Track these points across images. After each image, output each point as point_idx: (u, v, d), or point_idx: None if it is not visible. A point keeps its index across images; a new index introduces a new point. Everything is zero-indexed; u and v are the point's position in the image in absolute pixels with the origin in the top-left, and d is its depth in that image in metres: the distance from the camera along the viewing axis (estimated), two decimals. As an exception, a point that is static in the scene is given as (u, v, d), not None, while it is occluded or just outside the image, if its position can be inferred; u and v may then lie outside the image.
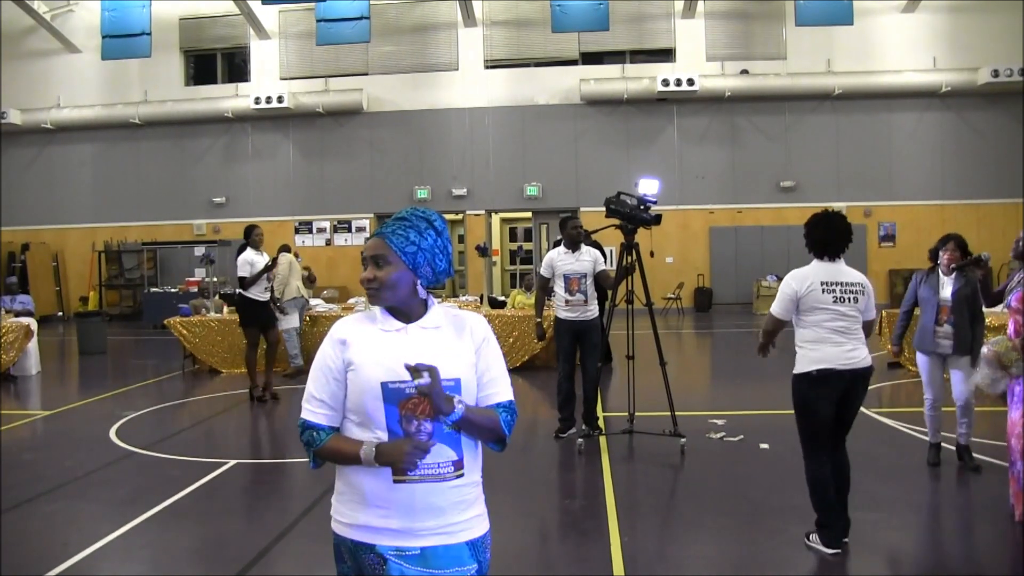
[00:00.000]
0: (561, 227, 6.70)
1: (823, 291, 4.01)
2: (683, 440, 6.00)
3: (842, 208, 17.83)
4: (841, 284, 4.03)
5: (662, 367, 6.14)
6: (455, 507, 1.95)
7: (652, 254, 7.65)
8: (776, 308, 4.15)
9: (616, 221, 6.07)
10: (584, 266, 6.42)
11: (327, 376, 1.96)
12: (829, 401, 4.03)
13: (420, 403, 1.88)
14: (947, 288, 5.29)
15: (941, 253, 5.38)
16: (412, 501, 1.90)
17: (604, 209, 6.08)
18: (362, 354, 1.93)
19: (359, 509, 1.94)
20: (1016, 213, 15.83)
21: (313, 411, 1.96)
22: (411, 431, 1.89)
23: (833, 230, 4.08)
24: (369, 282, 1.96)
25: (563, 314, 6.49)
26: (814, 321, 4.04)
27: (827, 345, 4.01)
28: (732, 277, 18.04)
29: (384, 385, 1.89)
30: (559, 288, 6.50)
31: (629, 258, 5.99)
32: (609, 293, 6.57)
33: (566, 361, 6.55)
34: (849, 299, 4.01)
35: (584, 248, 6.50)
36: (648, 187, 6.00)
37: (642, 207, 5.98)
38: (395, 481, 1.89)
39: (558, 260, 6.50)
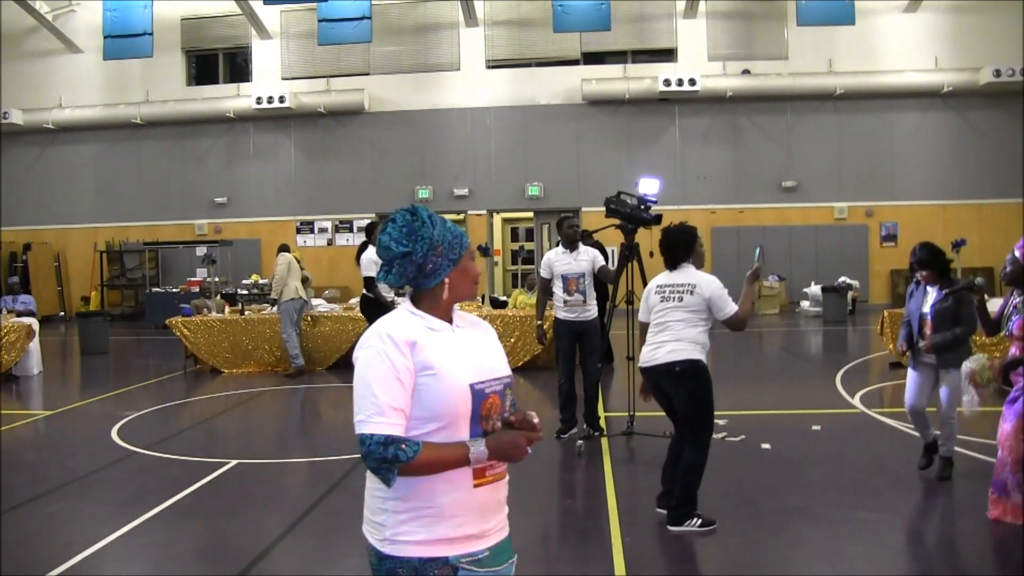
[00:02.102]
0: (558, 227, 6.69)
1: (655, 292, 4.45)
2: (684, 440, 6.00)
3: (844, 208, 17.88)
4: (671, 285, 4.37)
5: (663, 367, 6.14)
6: (505, 501, 2.01)
7: (652, 254, 7.61)
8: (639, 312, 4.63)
9: (616, 221, 6.06)
10: (582, 266, 6.38)
11: (400, 383, 1.81)
12: (656, 394, 4.48)
13: (495, 403, 1.91)
14: (929, 302, 5.02)
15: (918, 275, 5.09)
16: (488, 502, 1.92)
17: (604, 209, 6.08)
18: (440, 355, 1.85)
19: (434, 523, 1.84)
20: (1017, 213, 15.81)
21: (392, 423, 1.79)
22: (488, 430, 1.89)
23: (665, 243, 4.48)
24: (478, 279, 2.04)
25: (562, 314, 6.47)
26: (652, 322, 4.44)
27: (646, 345, 4.44)
28: (733, 277, 17.82)
29: (472, 387, 1.86)
30: (557, 288, 6.47)
31: (628, 255, 6.01)
32: (609, 290, 6.55)
33: (566, 362, 6.52)
34: (674, 298, 4.33)
35: (582, 248, 6.46)
36: (648, 186, 6.00)
37: (642, 207, 5.98)
38: (475, 486, 1.88)
39: (555, 260, 6.48)
